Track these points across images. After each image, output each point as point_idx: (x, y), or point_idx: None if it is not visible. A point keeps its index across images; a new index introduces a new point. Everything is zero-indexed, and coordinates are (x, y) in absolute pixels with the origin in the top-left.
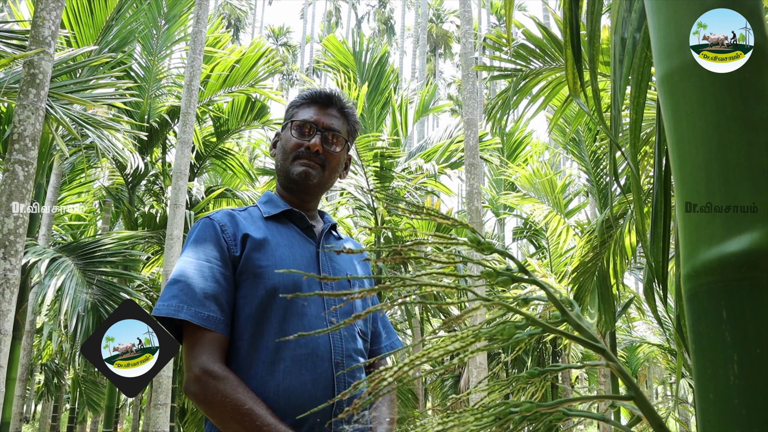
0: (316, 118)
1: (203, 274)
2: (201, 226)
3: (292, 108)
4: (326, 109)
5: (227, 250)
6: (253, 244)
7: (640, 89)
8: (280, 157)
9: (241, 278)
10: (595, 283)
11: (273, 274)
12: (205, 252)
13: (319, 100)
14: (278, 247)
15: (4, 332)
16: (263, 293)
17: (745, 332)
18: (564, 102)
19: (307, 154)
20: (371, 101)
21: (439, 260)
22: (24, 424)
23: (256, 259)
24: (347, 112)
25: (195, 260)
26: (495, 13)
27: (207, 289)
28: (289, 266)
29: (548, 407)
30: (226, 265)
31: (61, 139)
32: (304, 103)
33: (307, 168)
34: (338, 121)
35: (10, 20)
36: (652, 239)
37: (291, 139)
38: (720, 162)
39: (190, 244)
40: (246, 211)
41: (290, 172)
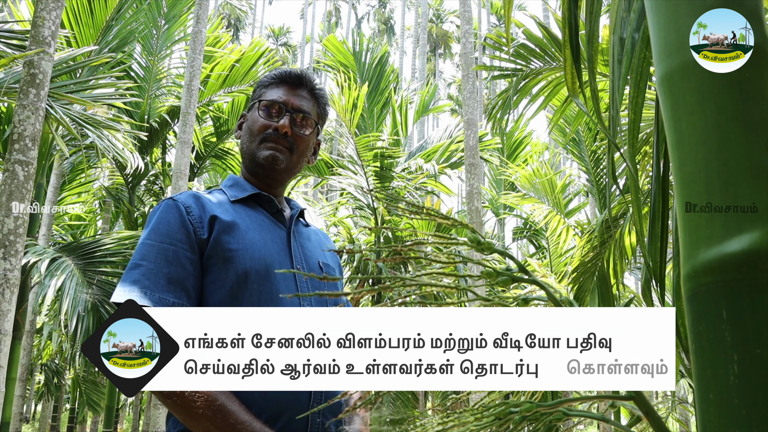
0: (285, 98)
1: (167, 258)
2: (163, 208)
3: (259, 88)
4: (296, 90)
5: (193, 233)
6: (222, 227)
7: (638, 89)
8: (246, 138)
9: (210, 263)
10: (595, 283)
11: (243, 258)
12: (168, 235)
13: (289, 80)
14: (248, 230)
15: (4, 332)
16: (234, 278)
17: (745, 332)
18: (564, 102)
19: (274, 137)
20: (371, 101)
21: (439, 260)
22: (24, 424)
23: (226, 242)
24: (318, 93)
25: (158, 243)
26: (495, 13)
27: (171, 274)
28: (261, 251)
29: (548, 407)
30: (192, 249)
31: (61, 139)
32: (272, 83)
33: (274, 152)
34: (308, 103)
35: (10, 20)
36: (650, 239)
37: (258, 120)
38: (720, 162)
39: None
40: (211, 194)
41: (256, 156)
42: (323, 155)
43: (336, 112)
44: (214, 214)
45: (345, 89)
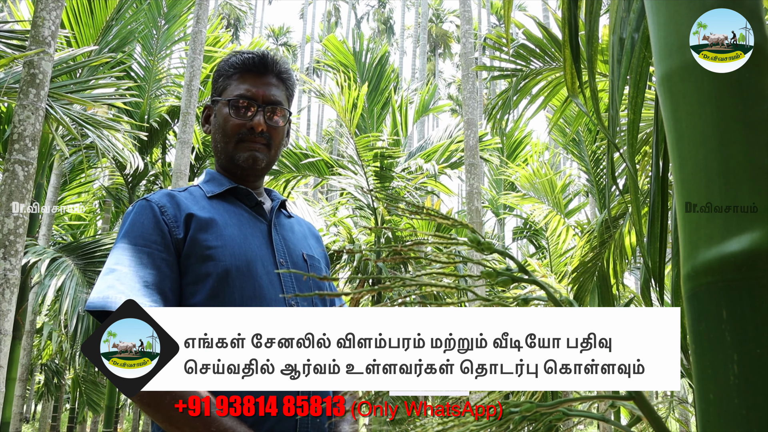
0: (254, 91)
1: (142, 262)
2: (137, 209)
3: (221, 78)
4: (262, 78)
5: (168, 234)
6: (199, 224)
7: (638, 89)
8: (220, 138)
9: (188, 262)
10: (595, 283)
11: (223, 256)
12: (143, 237)
13: (253, 68)
14: (227, 226)
15: (4, 332)
16: (214, 277)
17: (745, 332)
18: (564, 102)
19: (251, 136)
20: (371, 101)
21: (439, 260)
22: (24, 424)
23: (204, 240)
24: (284, 76)
25: (132, 246)
26: (495, 13)
27: (147, 278)
28: (241, 246)
29: (548, 407)
30: (168, 250)
31: (61, 139)
32: (235, 73)
33: (253, 152)
34: (278, 90)
35: (10, 20)
36: (650, 239)
37: (230, 119)
38: (720, 162)
39: (126, 229)
40: (186, 191)
41: (235, 158)
42: (323, 155)
43: (336, 112)
44: (190, 212)
45: (345, 89)
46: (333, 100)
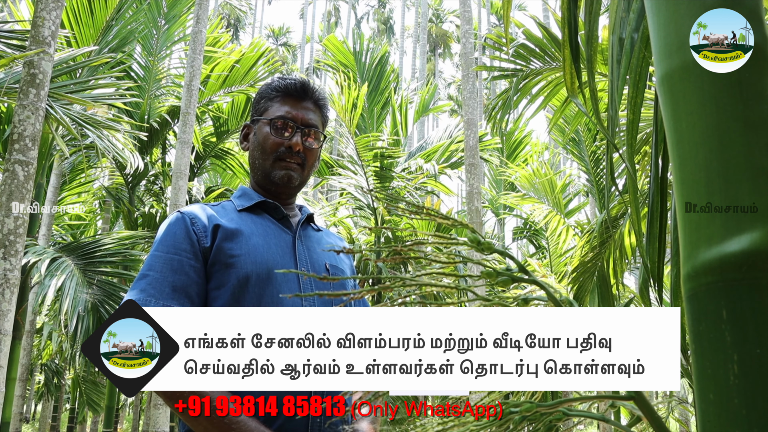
0: (293, 113)
1: (172, 267)
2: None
3: (263, 100)
4: (301, 102)
5: (197, 242)
6: (225, 234)
7: (637, 89)
8: (258, 155)
9: (213, 269)
10: (595, 283)
11: (245, 263)
12: (174, 245)
13: (294, 93)
14: (252, 236)
15: (4, 332)
16: (235, 282)
17: (745, 332)
18: (563, 102)
19: (288, 154)
20: (371, 101)
21: (439, 260)
22: (24, 424)
23: (228, 248)
24: (321, 103)
25: (164, 254)
26: (495, 13)
27: (176, 282)
28: (264, 255)
29: (548, 407)
30: (197, 257)
31: (61, 139)
32: (276, 96)
33: (288, 171)
34: (314, 115)
35: (10, 20)
36: (649, 239)
37: (269, 137)
38: (720, 162)
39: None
40: (220, 205)
41: (271, 175)
42: (323, 155)
43: (336, 112)
44: (218, 223)
45: (345, 89)
46: (333, 100)
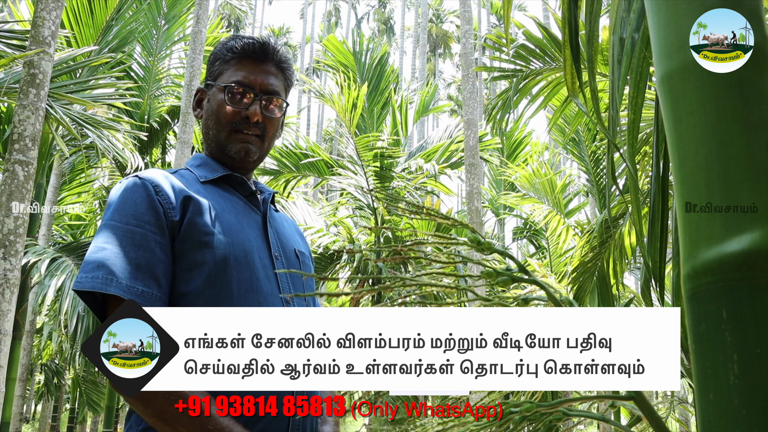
0: (251, 78)
1: (134, 242)
2: (128, 186)
3: (219, 63)
4: (261, 65)
5: (163, 215)
6: (196, 208)
7: (638, 89)
8: (213, 125)
9: (184, 247)
10: (595, 283)
11: (221, 243)
12: (135, 216)
13: (252, 55)
14: (224, 212)
15: (4, 332)
16: (212, 265)
17: (745, 332)
18: (563, 102)
19: (245, 125)
20: (371, 101)
21: (439, 260)
22: (24, 424)
23: (202, 225)
24: (284, 66)
25: (123, 225)
26: (495, 13)
27: (140, 260)
28: (239, 235)
29: (548, 407)
30: (162, 233)
31: (61, 139)
32: (233, 58)
33: (246, 144)
34: (276, 79)
35: (10, 20)
36: (650, 239)
37: (223, 105)
38: (720, 162)
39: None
40: (177, 173)
41: (227, 149)
42: (323, 155)
43: (336, 112)
44: (188, 194)
45: (345, 89)
46: (333, 100)
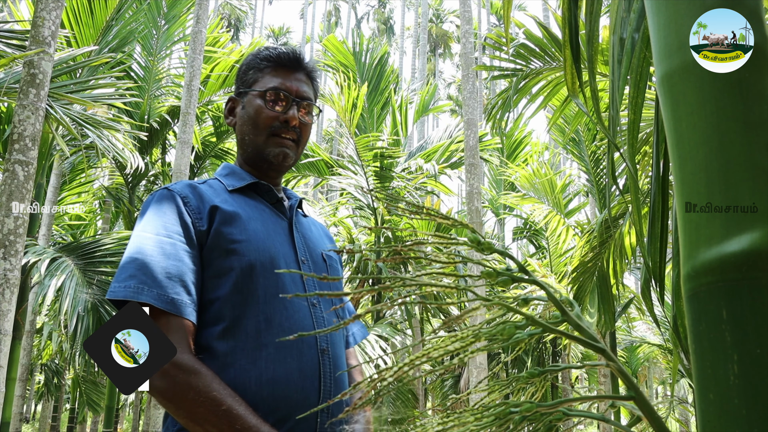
0: (288, 84)
1: (164, 251)
2: (158, 197)
3: (253, 71)
4: (294, 73)
5: (192, 225)
6: (223, 217)
7: (638, 89)
8: (249, 130)
9: (211, 255)
10: (595, 283)
11: (248, 250)
12: (165, 226)
13: (287, 64)
14: (250, 220)
15: (4, 332)
16: (238, 271)
17: (745, 332)
18: (563, 102)
19: (283, 129)
20: (371, 101)
21: (439, 260)
22: (24, 424)
23: (228, 233)
24: (313, 75)
25: (154, 235)
26: (495, 13)
27: (170, 268)
28: (265, 242)
29: (548, 407)
30: (191, 243)
31: (61, 139)
32: (267, 67)
33: (284, 149)
34: (307, 87)
35: (10, 20)
36: (650, 239)
37: (262, 110)
38: (720, 162)
39: (147, 216)
40: (206, 184)
41: (265, 152)
42: (323, 155)
43: (336, 112)
44: (214, 204)
45: (345, 89)
46: (333, 100)
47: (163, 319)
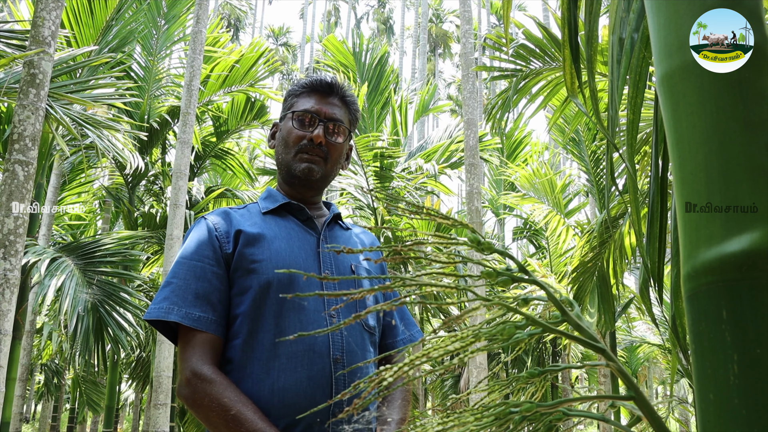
0: (317, 107)
1: (195, 275)
2: (195, 227)
3: (291, 97)
4: (327, 98)
5: (219, 248)
6: (247, 240)
7: (637, 89)
8: (281, 149)
9: (236, 275)
10: (595, 283)
11: (266, 269)
12: (197, 252)
13: (320, 89)
14: (274, 240)
15: (4, 332)
16: (257, 288)
17: (745, 332)
18: (563, 102)
19: (309, 147)
20: (371, 101)
21: (439, 260)
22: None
23: (250, 254)
24: (348, 100)
25: (187, 261)
26: (495, 13)
27: (198, 290)
28: (286, 259)
29: (548, 407)
30: (219, 264)
31: (61, 138)
32: (303, 92)
33: (309, 164)
34: (340, 110)
35: (10, 20)
36: (649, 239)
37: (292, 130)
38: (720, 162)
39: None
40: (245, 209)
41: (292, 168)
42: None
43: None
44: (240, 229)
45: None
46: None
47: (191, 335)
